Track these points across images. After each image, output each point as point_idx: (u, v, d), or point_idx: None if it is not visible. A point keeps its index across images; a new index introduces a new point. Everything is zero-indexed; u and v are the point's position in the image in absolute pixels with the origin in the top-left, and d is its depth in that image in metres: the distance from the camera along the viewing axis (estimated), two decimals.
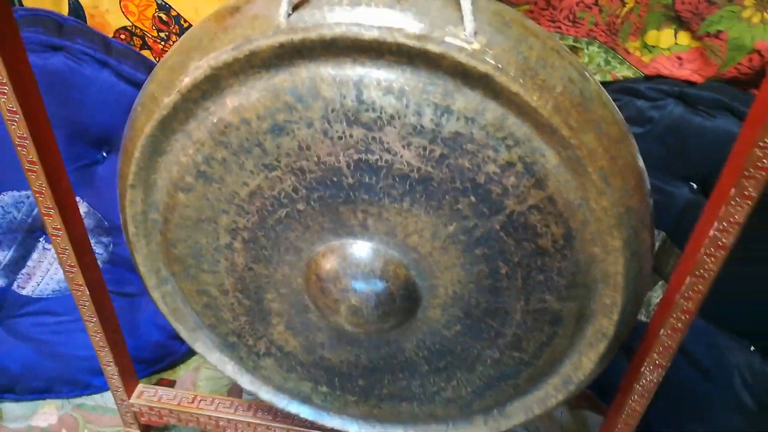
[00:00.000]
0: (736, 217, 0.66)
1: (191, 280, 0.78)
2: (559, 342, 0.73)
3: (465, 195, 0.62)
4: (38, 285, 1.17)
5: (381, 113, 0.59)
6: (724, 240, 0.68)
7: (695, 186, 0.99)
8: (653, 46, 0.98)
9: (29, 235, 1.11)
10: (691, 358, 1.09)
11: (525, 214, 0.63)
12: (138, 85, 1.00)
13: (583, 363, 0.75)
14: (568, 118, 0.57)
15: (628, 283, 0.66)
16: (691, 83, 0.96)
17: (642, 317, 1.12)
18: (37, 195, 0.80)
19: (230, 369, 0.90)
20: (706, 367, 1.09)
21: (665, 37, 0.96)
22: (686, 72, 0.97)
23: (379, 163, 0.62)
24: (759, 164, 0.61)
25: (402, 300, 0.70)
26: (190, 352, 1.35)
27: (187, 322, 0.85)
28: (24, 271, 1.14)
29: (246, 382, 0.90)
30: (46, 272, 1.16)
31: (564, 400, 0.79)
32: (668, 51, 0.97)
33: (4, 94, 0.70)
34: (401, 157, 0.61)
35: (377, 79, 0.58)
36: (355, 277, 0.69)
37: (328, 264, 0.70)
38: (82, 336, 1.15)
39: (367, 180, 0.63)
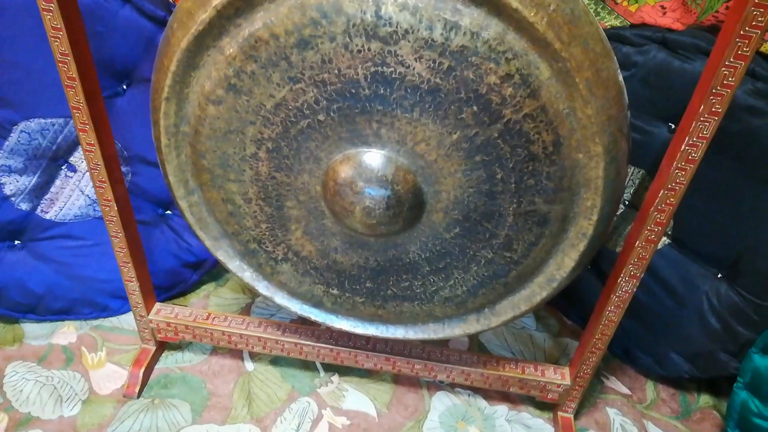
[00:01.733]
0: (704, 132, 0.74)
1: (217, 190, 0.87)
2: (545, 242, 0.83)
3: (468, 104, 0.71)
4: (61, 210, 1.22)
5: (397, 28, 0.67)
6: (693, 154, 0.77)
7: (673, 126, 1.07)
8: None
9: (53, 162, 1.16)
10: (666, 286, 1.20)
11: (520, 122, 0.72)
12: (157, 22, 1.07)
13: (565, 262, 0.85)
14: (560, 32, 0.66)
15: (607, 186, 0.76)
16: (672, 30, 1.04)
17: (617, 249, 1.22)
18: (74, 111, 0.86)
19: (248, 276, 0.99)
20: (679, 294, 1.19)
21: None
22: (668, 20, 1.05)
23: (393, 75, 0.70)
24: (725, 82, 0.70)
25: (410, 203, 0.80)
26: (201, 281, 1.44)
27: (210, 231, 0.94)
28: (47, 196, 1.20)
29: (263, 287, 1.00)
30: (68, 198, 1.21)
31: (547, 297, 0.90)
32: (652, 0, 1.05)
33: (49, 11, 0.75)
34: (413, 69, 0.69)
35: None
36: (369, 181, 0.78)
37: (345, 170, 0.79)
38: (102, 260, 1.26)
39: (382, 91, 0.72)
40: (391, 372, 1.17)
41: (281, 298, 1.01)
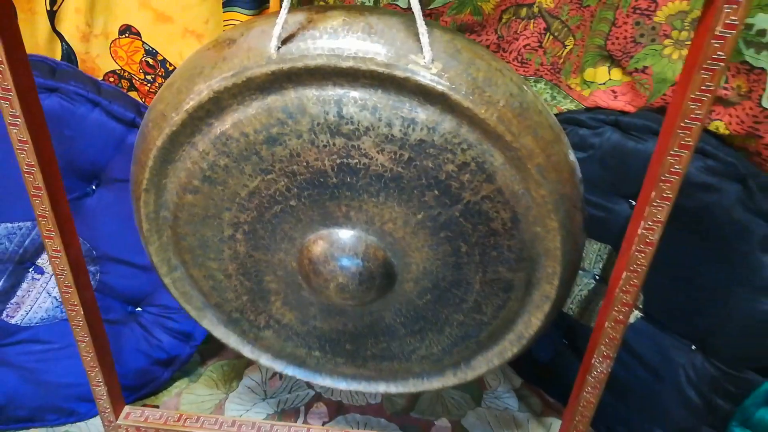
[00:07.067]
0: (659, 216, 0.77)
1: (199, 267, 0.91)
2: (512, 305, 0.88)
3: (430, 189, 0.76)
4: (27, 314, 1.19)
5: (358, 125, 0.71)
6: (650, 237, 0.79)
7: (633, 202, 1.07)
8: (591, 82, 1.10)
9: (19, 265, 1.14)
10: (641, 360, 1.19)
11: (479, 203, 0.76)
12: (126, 123, 1.09)
13: (532, 321, 0.90)
14: (509, 126, 0.71)
15: (565, 255, 0.81)
16: (624, 113, 1.08)
17: (592, 324, 1.21)
18: (40, 219, 0.87)
19: (233, 341, 1.03)
20: (655, 367, 1.17)
21: (601, 73, 1.09)
22: (620, 103, 1.09)
23: (358, 166, 0.75)
24: (672, 170, 0.72)
25: (381, 276, 0.84)
26: (172, 379, 1.38)
27: (195, 302, 0.97)
28: (13, 300, 1.17)
29: (248, 351, 1.04)
30: (35, 301, 1.19)
31: (518, 352, 0.94)
32: (604, 85, 1.09)
33: (16, 125, 0.77)
34: (376, 160, 0.74)
35: (354, 97, 0.71)
36: (341, 259, 0.82)
37: (318, 249, 0.83)
38: (68, 363, 1.21)
39: (348, 180, 0.76)
40: None
41: (266, 360, 1.05)
